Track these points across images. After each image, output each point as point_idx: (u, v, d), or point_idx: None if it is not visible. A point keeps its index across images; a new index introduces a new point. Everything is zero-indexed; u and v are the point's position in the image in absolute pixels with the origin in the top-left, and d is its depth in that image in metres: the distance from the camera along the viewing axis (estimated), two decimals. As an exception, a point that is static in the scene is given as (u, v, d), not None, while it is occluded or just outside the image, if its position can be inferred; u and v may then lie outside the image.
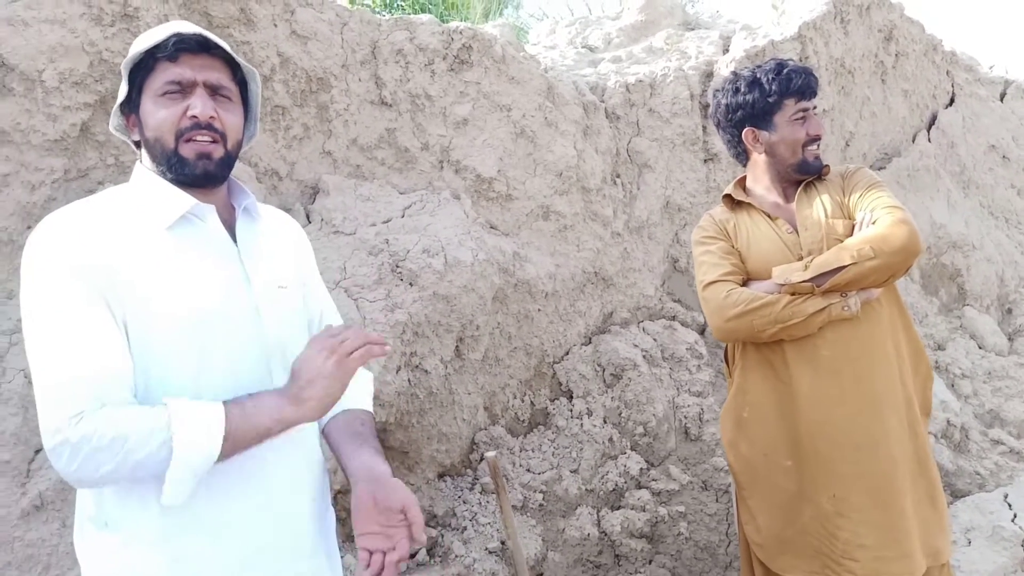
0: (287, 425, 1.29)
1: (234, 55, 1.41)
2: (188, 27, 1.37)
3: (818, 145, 2.28)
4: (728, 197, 2.41)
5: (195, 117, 1.33)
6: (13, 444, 1.97)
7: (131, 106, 1.39)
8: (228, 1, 2.60)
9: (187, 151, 1.35)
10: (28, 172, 2.24)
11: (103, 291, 1.24)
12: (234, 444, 1.23)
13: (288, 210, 2.82)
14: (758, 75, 2.30)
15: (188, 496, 1.22)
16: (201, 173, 1.36)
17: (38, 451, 2.02)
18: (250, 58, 2.66)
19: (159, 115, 1.34)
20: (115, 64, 2.34)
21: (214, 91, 1.37)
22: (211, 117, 1.35)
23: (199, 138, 1.35)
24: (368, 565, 1.31)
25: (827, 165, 2.33)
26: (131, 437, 1.17)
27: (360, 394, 1.62)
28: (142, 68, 1.36)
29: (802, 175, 2.30)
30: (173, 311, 1.28)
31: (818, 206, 2.25)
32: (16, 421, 1.98)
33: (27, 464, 2.00)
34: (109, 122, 1.44)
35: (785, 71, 2.26)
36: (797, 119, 2.26)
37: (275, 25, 2.73)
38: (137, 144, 1.43)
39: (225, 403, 1.25)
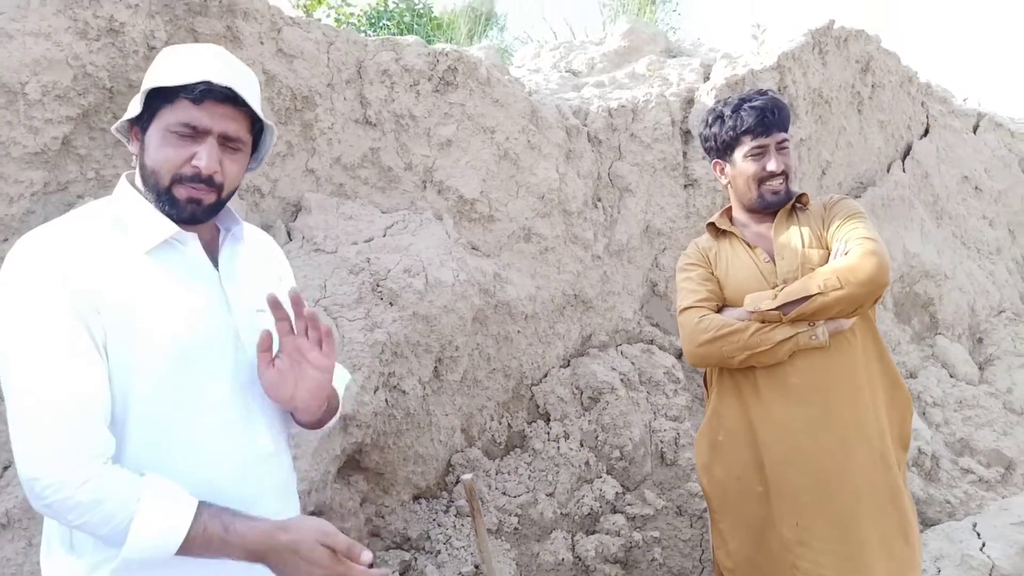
0: (249, 559, 1.26)
1: (259, 113, 1.40)
2: (223, 72, 1.34)
3: (783, 179, 2.28)
4: (712, 225, 2.44)
5: (197, 168, 1.32)
6: (-18, 461, 1.94)
7: (140, 123, 1.37)
8: (215, 18, 2.60)
9: (180, 193, 1.34)
10: (7, 184, 2.22)
11: (86, 314, 1.23)
12: (191, 551, 1.20)
13: (269, 227, 2.82)
14: (721, 109, 2.35)
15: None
16: (188, 217, 1.36)
17: (6, 468, 1.99)
18: (235, 75, 2.66)
19: (163, 152, 1.33)
20: (99, 78, 2.33)
21: (225, 141, 1.36)
22: (215, 172, 1.34)
23: (195, 187, 1.34)
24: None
25: (804, 194, 2.36)
26: (106, 504, 1.16)
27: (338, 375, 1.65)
28: (162, 95, 1.33)
29: (761, 210, 2.33)
30: (157, 338, 1.28)
31: (796, 235, 2.28)
32: (-14, 437, 1.94)
33: (-5, 481, 1.96)
34: (114, 124, 1.42)
35: (744, 107, 2.28)
36: (752, 155, 2.28)
37: (261, 43, 2.74)
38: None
39: (202, 509, 1.22)
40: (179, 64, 1.35)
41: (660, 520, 3.29)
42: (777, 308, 2.13)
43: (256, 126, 1.44)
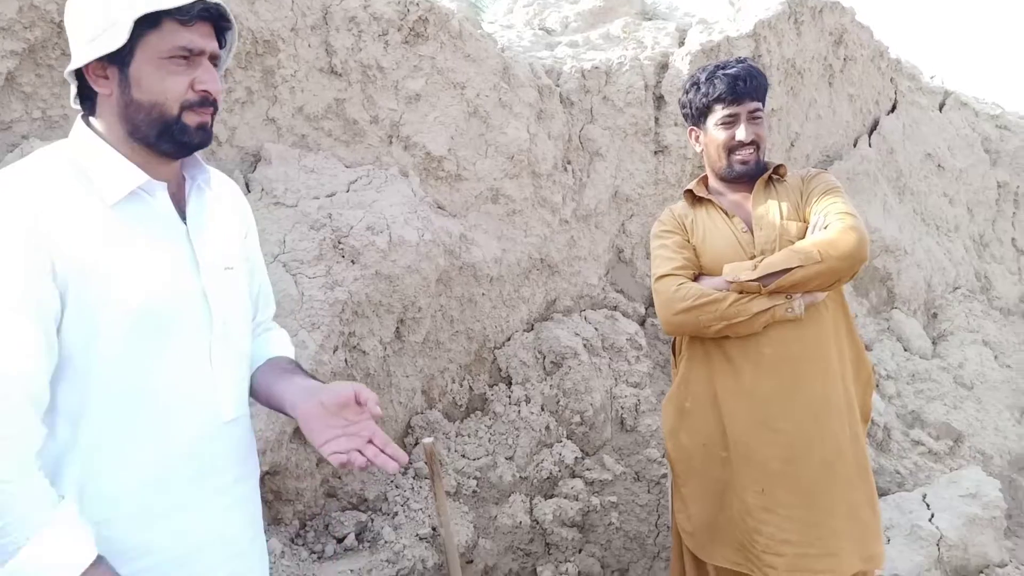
0: None
1: (235, 29, 1.34)
2: None
3: (753, 149, 2.26)
4: (689, 192, 2.41)
5: (205, 92, 1.26)
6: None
7: (114, 58, 1.23)
8: (172, -48, 2.45)
9: (191, 120, 1.26)
10: (-57, 120, 2.09)
11: (39, 277, 1.13)
12: None
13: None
14: (698, 76, 2.33)
15: None
16: (198, 143, 1.30)
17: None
18: (193, 15, 2.52)
19: (165, 82, 1.23)
20: (47, 11, 2.18)
21: (212, 59, 1.30)
22: (219, 91, 1.29)
23: (203, 111, 1.28)
24: (346, 464, 1.22)
25: (782, 165, 2.34)
26: (4, 515, 1.06)
27: (280, 344, 1.60)
28: (142, 21, 1.21)
29: (730, 179, 2.31)
30: (124, 296, 1.19)
31: (774, 207, 2.26)
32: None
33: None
34: (72, 61, 1.26)
35: (719, 74, 2.26)
36: (723, 123, 2.27)
37: (222, -18, 2.59)
38: (85, 97, 1.30)
39: (101, 562, 1.13)
40: None
41: (618, 485, 3.31)
42: (756, 279, 2.12)
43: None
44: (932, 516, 3.28)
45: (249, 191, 2.71)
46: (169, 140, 1.27)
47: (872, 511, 2.22)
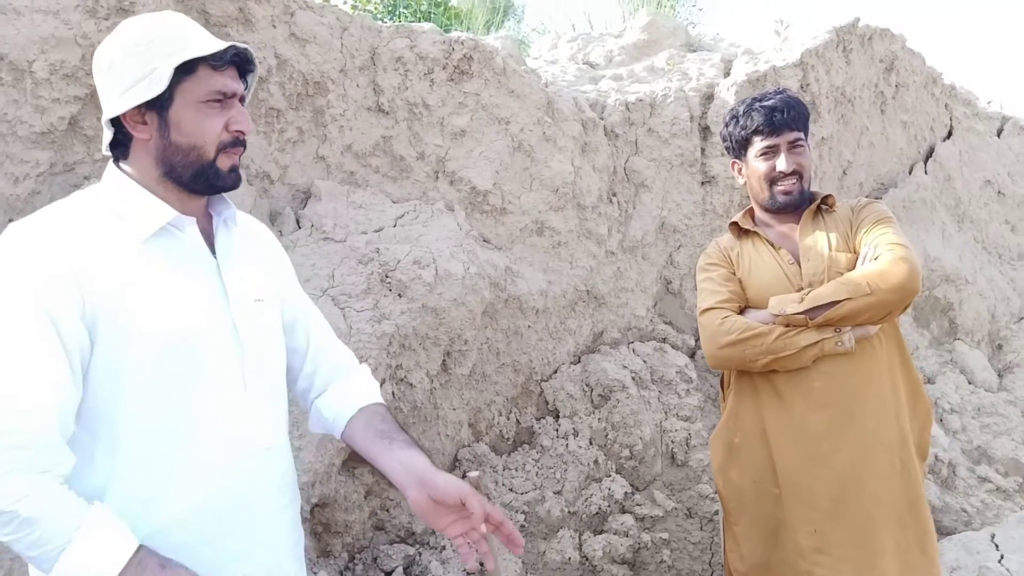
0: None
1: (256, 71, 1.42)
2: (207, 38, 1.34)
3: (796, 179, 2.22)
4: (735, 225, 2.38)
5: (239, 132, 1.33)
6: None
7: (154, 104, 1.28)
8: (227, 0, 2.55)
9: (224, 164, 1.34)
10: (13, 164, 2.19)
11: (65, 311, 1.16)
12: None
13: (279, 214, 2.77)
14: (736, 109, 2.32)
15: None
16: (231, 185, 1.36)
17: None
18: (247, 58, 2.62)
19: (204, 125, 1.30)
20: (107, 58, 2.29)
21: (240, 101, 1.37)
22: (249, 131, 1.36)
23: (235, 152, 1.35)
24: (474, 548, 1.37)
25: (830, 195, 2.29)
26: (42, 524, 1.09)
27: (368, 388, 1.59)
28: (180, 68, 1.27)
29: (775, 211, 2.28)
30: (156, 330, 1.22)
31: (822, 238, 2.21)
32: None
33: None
34: (107, 110, 1.31)
35: (756, 106, 2.25)
36: (762, 155, 2.24)
37: (274, 26, 2.69)
38: (118, 143, 1.34)
39: (142, 549, 1.15)
40: (187, 34, 1.31)
41: (669, 521, 3.24)
42: (803, 312, 2.07)
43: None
44: (1002, 557, 3.12)
45: (300, 227, 2.78)
46: (203, 182, 1.33)
47: (922, 551, 2.12)
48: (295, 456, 1.80)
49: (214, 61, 1.28)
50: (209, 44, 1.30)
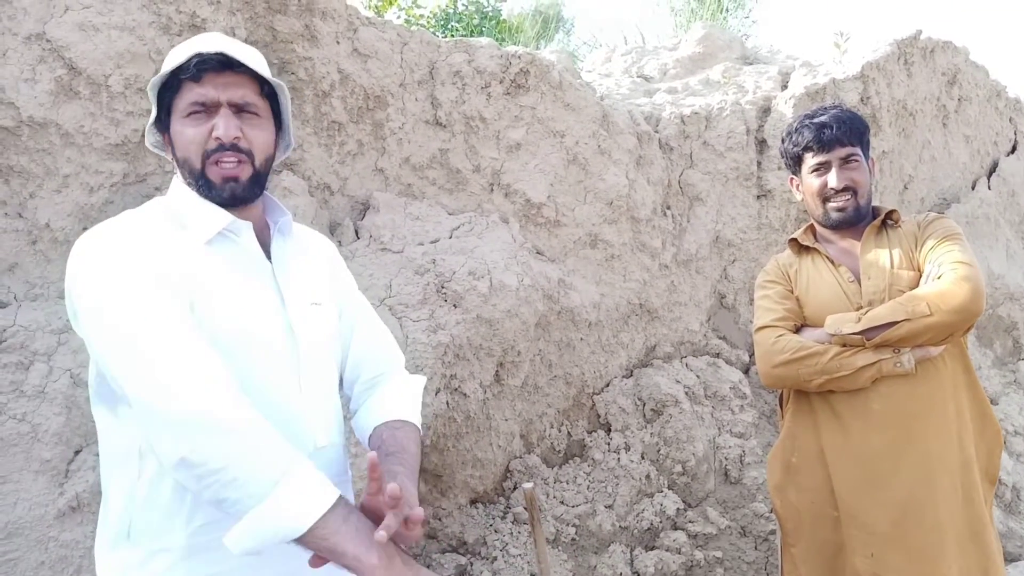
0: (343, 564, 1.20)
1: (258, 70, 1.38)
2: (212, 43, 1.35)
3: (850, 196, 2.17)
4: (794, 241, 2.34)
5: (218, 139, 1.33)
6: (55, 444, 1.97)
7: (162, 125, 1.39)
8: (293, 17, 2.62)
9: (213, 174, 1.34)
10: (88, 174, 2.28)
11: (182, 299, 1.24)
12: (307, 541, 1.16)
13: (338, 225, 2.83)
14: (791, 125, 2.30)
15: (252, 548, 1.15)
16: (228, 196, 1.36)
17: (78, 452, 2.03)
18: (311, 73, 2.68)
19: (186, 135, 1.34)
20: (179, 73, 2.37)
21: (240, 109, 1.36)
22: (235, 138, 1.34)
23: (225, 160, 1.34)
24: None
25: (895, 210, 2.24)
26: (261, 452, 1.14)
27: (402, 402, 1.57)
28: (170, 88, 1.35)
29: (832, 227, 2.24)
30: (226, 328, 1.28)
31: (884, 255, 2.16)
32: (59, 421, 1.98)
33: (66, 464, 2.00)
34: (145, 139, 1.45)
35: (806, 123, 2.22)
36: (814, 171, 2.21)
37: (338, 43, 2.75)
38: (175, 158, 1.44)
39: (339, 502, 1.18)
40: (173, 53, 1.39)
41: (723, 540, 3.19)
42: (860, 332, 2.02)
43: (266, 89, 1.42)
44: (1072, 586, 3.00)
45: (358, 238, 2.82)
46: (204, 193, 1.36)
47: None
48: (351, 464, 1.83)
49: (184, 74, 1.32)
50: (178, 57, 1.34)
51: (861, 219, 2.22)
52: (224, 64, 1.33)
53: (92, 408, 1.35)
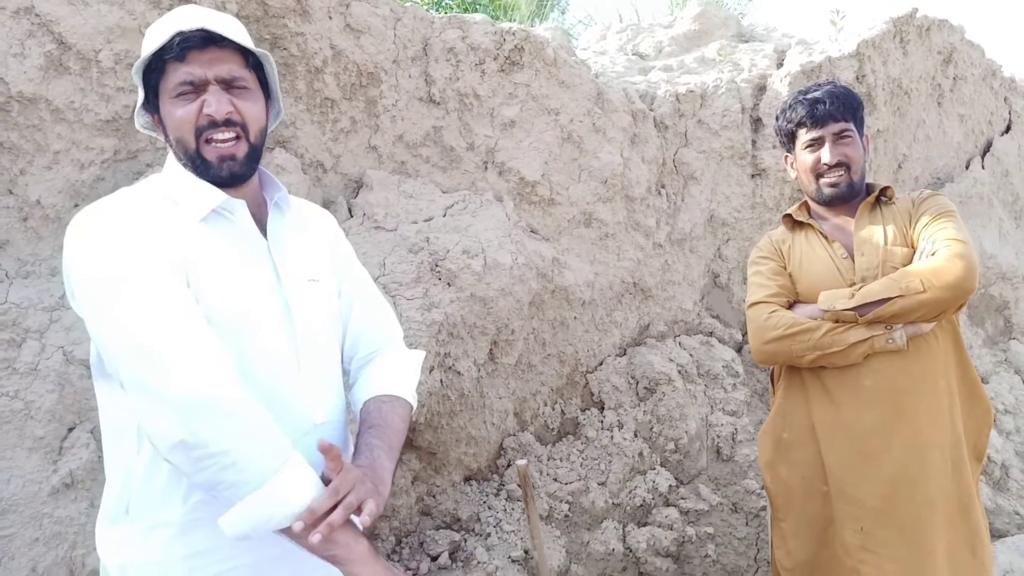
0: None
1: (242, 42, 1.37)
2: (191, 19, 1.33)
3: (843, 171, 2.18)
4: (788, 217, 2.35)
5: (210, 115, 1.32)
6: (48, 421, 1.97)
7: (151, 107, 1.38)
8: (285, -9, 2.59)
9: (209, 154, 1.34)
10: (79, 151, 2.26)
11: (180, 276, 1.24)
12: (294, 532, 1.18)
13: (331, 203, 2.81)
14: (785, 103, 2.31)
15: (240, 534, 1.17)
16: (227, 175, 1.36)
17: (71, 429, 2.03)
18: (303, 49, 2.65)
19: (177, 115, 1.32)
20: (170, 48, 2.35)
21: (228, 84, 1.35)
22: (228, 113, 1.33)
23: (219, 137, 1.33)
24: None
25: (889, 187, 2.24)
26: (257, 439, 1.17)
27: (395, 376, 1.57)
28: (155, 69, 1.34)
29: (826, 203, 2.24)
30: (221, 306, 1.28)
31: (878, 231, 2.17)
32: (52, 398, 1.98)
33: (60, 442, 2.01)
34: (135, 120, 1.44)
35: (800, 99, 2.23)
36: (807, 147, 2.22)
37: (330, 18, 2.72)
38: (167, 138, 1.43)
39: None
40: (151, 34, 1.37)
41: (715, 516, 3.22)
42: (853, 309, 2.03)
43: (250, 60, 1.40)
44: (1058, 561, 3.05)
45: (351, 216, 2.81)
46: (203, 174, 1.36)
47: (972, 554, 2.08)
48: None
49: (168, 54, 1.30)
50: (159, 38, 1.32)
51: (854, 195, 2.22)
52: (207, 40, 1.32)
53: (94, 383, 1.36)
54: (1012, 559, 3.12)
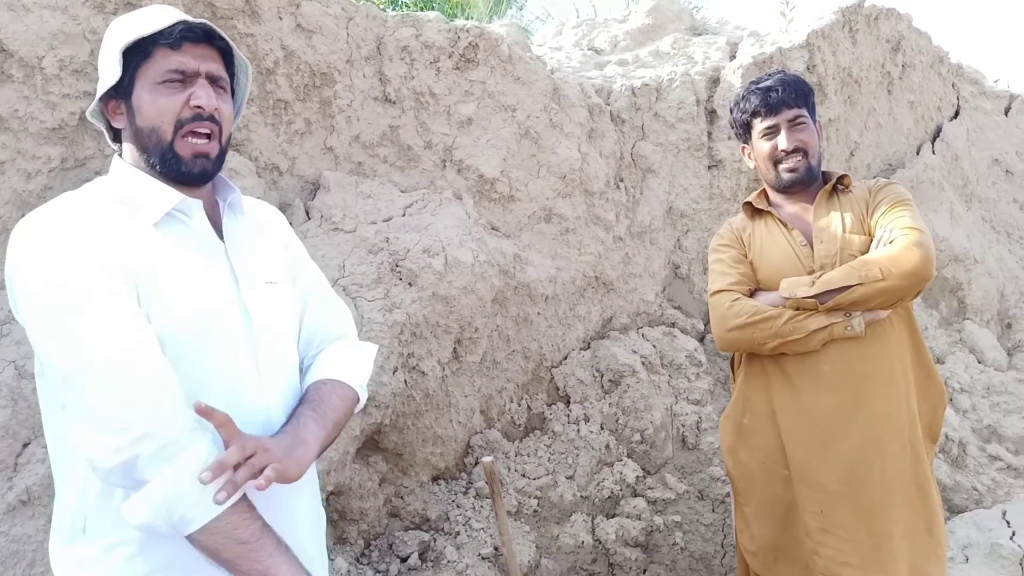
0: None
1: (234, 47, 1.38)
2: (176, 15, 1.32)
3: (801, 156, 2.21)
4: (748, 205, 2.38)
5: (199, 108, 1.29)
6: (1, 437, 1.93)
7: (120, 92, 1.32)
8: (233, -8, 2.56)
9: (183, 149, 1.31)
10: (25, 160, 2.21)
11: (129, 286, 1.21)
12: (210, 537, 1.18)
13: (288, 205, 2.79)
14: (738, 94, 2.34)
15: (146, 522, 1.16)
16: (199, 172, 1.33)
17: (26, 445, 1.99)
18: (254, 51, 2.62)
19: (159, 104, 1.28)
20: (116, 53, 2.30)
21: (213, 81, 1.34)
22: (215, 108, 1.31)
23: (199, 131, 1.31)
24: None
25: (846, 175, 2.28)
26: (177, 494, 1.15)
27: (339, 363, 1.54)
28: (136, 53, 1.29)
29: (784, 190, 2.28)
30: (181, 312, 1.25)
31: (836, 219, 2.20)
32: (5, 414, 1.94)
33: (14, 458, 1.96)
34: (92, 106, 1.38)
35: (752, 89, 2.27)
36: (764, 135, 2.26)
37: (280, 18, 2.70)
38: (115, 134, 1.38)
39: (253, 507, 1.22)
40: (143, 18, 1.32)
41: (681, 504, 3.26)
42: (814, 296, 2.07)
43: (230, 68, 1.40)
44: (1013, 534, 3.14)
45: (309, 218, 2.79)
46: (171, 169, 1.31)
47: (929, 533, 2.13)
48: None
49: (164, 40, 1.28)
50: (159, 21, 1.29)
51: (812, 180, 2.26)
52: (207, 35, 1.32)
53: (39, 396, 1.32)
54: (970, 534, 3.20)
